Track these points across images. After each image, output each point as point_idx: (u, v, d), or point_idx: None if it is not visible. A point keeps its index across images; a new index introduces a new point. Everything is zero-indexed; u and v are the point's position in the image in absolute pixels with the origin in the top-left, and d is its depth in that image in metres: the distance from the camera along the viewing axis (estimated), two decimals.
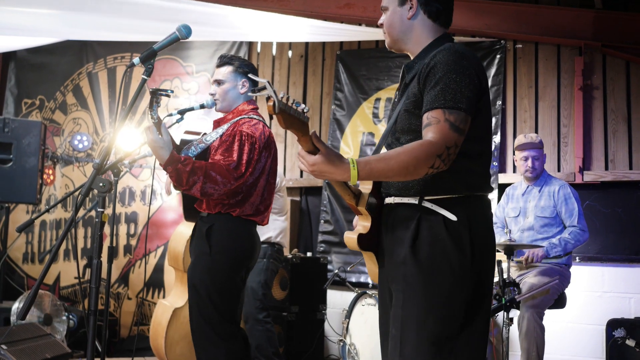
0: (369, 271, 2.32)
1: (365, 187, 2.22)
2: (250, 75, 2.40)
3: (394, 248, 2.15)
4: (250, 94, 1.82)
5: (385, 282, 2.25)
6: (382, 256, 2.24)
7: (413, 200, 2.12)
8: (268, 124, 3.46)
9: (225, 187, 3.14)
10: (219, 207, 3.27)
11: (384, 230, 2.22)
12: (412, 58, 2.28)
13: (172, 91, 3.08)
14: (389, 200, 2.21)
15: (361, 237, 2.19)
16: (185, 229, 5.03)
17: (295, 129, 1.82)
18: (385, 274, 2.24)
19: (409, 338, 2.05)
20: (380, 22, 2.32)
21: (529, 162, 4.57)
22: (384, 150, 2.27)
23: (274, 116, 1.75)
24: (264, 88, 1.73)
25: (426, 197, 2.11)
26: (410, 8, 2.23)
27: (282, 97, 1.75)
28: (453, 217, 2.07)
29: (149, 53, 2.60)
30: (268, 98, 1.73)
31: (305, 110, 1.84)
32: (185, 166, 3.06)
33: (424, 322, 2.03)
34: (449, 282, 2.04)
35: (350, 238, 2.20)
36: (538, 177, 4.63)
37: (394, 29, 2.27)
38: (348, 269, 5.69)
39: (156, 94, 3.03)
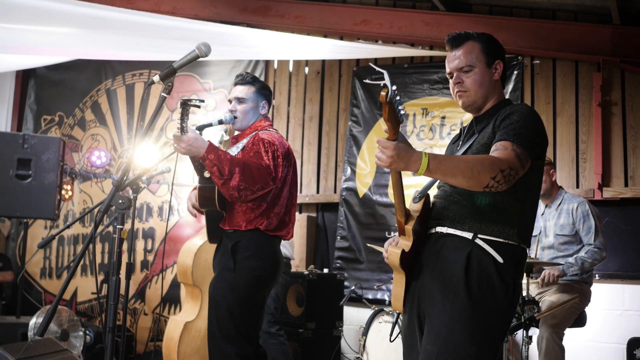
0: (394, 295, 2.39)
1: (415, 210, 2.35)
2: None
3: (442, 272, 2.28)
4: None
5: (415, 301, 2.36)
6: (414, 280, 2.37)
7: (467, 235, 2.28)
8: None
9: (258, 184, 3.17)
10: (247, 224, 3.28)
11: (426, 255, 2.35)
12: (474, 113, 2.47)
13: (203, 100, 3.11)
14: (440, 229, 2.34)
15: (403, 254, 2.30)
16: (193, 243, 5.05)
17: (391, 124, 1.99)
18: (419, 294, 2.34)
19: (447, 356, 2.19)
20: (457, 80, 2.43)
21: None
22: (434, 189, 2.49)
23: (383, 105, 1.90)
24: (381, 78, 1.88)
25: (480, 235, 2.26)
26: (496, 71, 2.45)
27: (394, 89, 1.92)
28: (500, 260, 2.24)
29: (168, 71, 2.61)
30: (383, 87, 1.86)
31: (402, 113, 2.01)
32: (226, 154, 3.11)
33: (466, 346, 2.19)
34: (494, 313, 2.23)
35: (394, 252, 2.30)
36: (545, 194, 4.57)
37: (484, 88, 2.42)
38: (375, 287, 5.67)
39: (187, 105, 3.05)
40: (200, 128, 3.41)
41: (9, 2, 4.69)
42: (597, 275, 5.09)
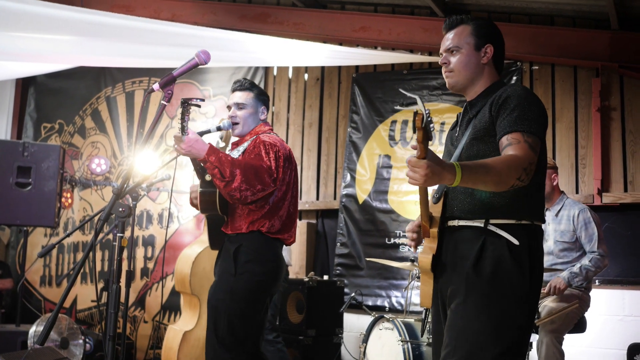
0: (422, 294, 2.39)
1: (436, 211, 2.36)
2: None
3: (457, 265, 2.29)
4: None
5: (439, 298, 2.38)
6: (438, 275, 2.36)
7: (478, 224, 2.27)
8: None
9: (259, 185, 3.17)
10: (250, 226, 3.28)
11: (444, 250, 2.36)
12: (467, 97, 2.47)
13: (203, 99, 3.11)
14: (452, 222, 2.34)
15: (434, 258, 2.31)
16: (191, 251, 5.04)
17: (423, 145, 1.95)
18: (441, 290, 2.36)
19: (464, 348, 2.19)
20: (443, 61, 2.46)
21: None
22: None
23: (417, 130, 1.89)
24: (414, 102, 1.86)
25: (491, 221, 2.26)
26: (485, 54, 2.44)
27: (428, 113, 1.93)
28: (516, 242, 2.22)
29: (168, 79, 2.61)
30: (416, 113, 1.86)
31: (432, 130, 1.99)
32: (227, 156, 3.12)
33: (482, 337, 2.18)
34: (509, 302, 2.20)
35: (426, 258, 2.31)
36: (546, 198, 4.56)
37: (469, 70, 2.43)
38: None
39: (187, 104, 3.06)
40: (199, 134, 3.41)
41: (8, 9, 4.70)
42: (596, 281, 5.09)
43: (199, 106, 3.08)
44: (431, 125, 1.98)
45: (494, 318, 2.18)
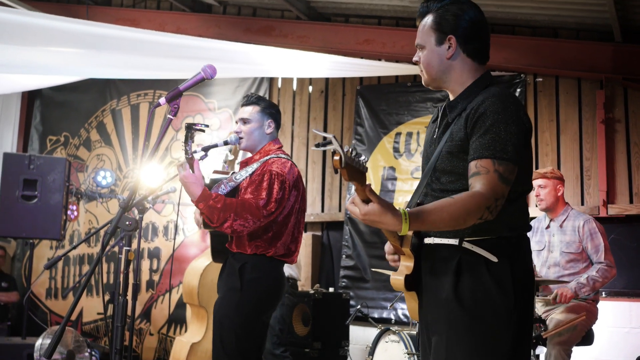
0: (409, 309, 2.30)
1: None
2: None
3: (435, 289, 2.13)
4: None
5: (425, 321, 2.23)
6: (421, 295, 2.23)
7: (453, 242, 2.09)
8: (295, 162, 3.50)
9: (254, 225, 3.18)
10: (253, 249, 3.29)
11: (423, 270, 2.20)
12: (451, 96, 2.23)
13: (208, 125, 3.12)
14: (428, 240, 2.17)
15: (407, 278, 2.18)
16: (199, 263, 5.05)
17: (356, 180, 1.81)
18: (425, 313, 2.21)
19: None
20: (415, 59, 2.26)
21: (534, 192, 4.49)
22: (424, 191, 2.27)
23: (339, 170, 1.75)
24: (329, 142, 1.73)
25: (466, 239, 2.07)
26: (449, 48, 2.17)
27: (347, 151, 1.74)
28: (494, 259, 2.04)
29: (174, 93, 2.62)
30: (334, 152, 1.72)
31: (364, 162, 1.83)
32: (217, 203, 3.11)
33: None
34: (493, 324, 2.02)
35: (398, 280, 2.19)
36: (550, 209, 4.55)
37: (432, 69, 2.20)
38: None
39: (191, 129, 3.07)
40: (206, 149, 3.42)
41: (13, 22, 4.73)
42: (603, 293, 5.07)
43: (203, 131, 3.08)
44: (361, 158, 1.82)
45: (478, 344, 2.01)
